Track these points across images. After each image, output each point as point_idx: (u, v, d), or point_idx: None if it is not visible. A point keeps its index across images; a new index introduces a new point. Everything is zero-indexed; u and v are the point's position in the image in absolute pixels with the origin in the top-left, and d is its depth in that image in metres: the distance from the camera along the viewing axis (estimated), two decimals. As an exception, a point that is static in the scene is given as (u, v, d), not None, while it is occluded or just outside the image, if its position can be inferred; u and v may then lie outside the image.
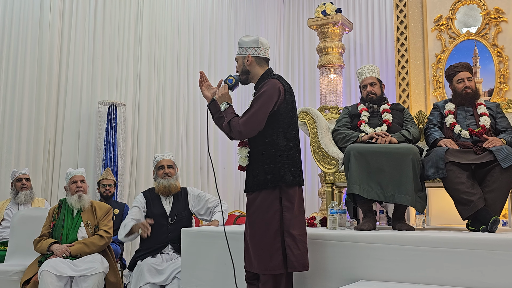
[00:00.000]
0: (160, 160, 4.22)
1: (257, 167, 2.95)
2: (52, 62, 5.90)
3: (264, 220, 2.88)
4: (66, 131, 5.94)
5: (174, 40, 7.09)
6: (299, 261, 2.86)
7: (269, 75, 3.05)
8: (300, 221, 2.95)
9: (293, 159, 2.95)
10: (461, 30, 6.32)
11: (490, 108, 3.96)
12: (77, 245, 3.91)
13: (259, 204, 2.91)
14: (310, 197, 7.86)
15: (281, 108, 2.97)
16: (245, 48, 3.07)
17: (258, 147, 2.97)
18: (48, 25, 5.89)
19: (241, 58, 3.09)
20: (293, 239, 2.87)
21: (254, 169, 2.97)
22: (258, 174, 2.94)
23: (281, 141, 2.93)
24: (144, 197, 4.17)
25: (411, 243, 2.97)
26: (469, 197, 3.36)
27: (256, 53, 3.05)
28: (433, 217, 5.42)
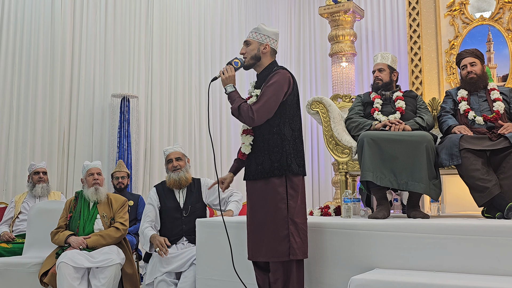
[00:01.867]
0: (168, 154, 4.22)
1: (262, 155, 2.99)
2: (64, 56, 5.93)
3: (273, 207, 2.92)
4: (80, 124, 5.99)
5: (185, 31, 7.09)
6: (301, 248, 2.92)
7: (275, 66, 3.11)
8: (302, 209, 3.02)
9: (298, 149, 3.02)
10: (475, 15, 6.24)
11: (504, 93, 3.92)
12: (93, 237, 3.95)
13: (268, 191, 2.94)
14: (324, 186, 7.85)
15: (289, 99, 3.03)
16: (264, 36, 3.09)
17: (263, 135, 3.00)
18: (60, 19, 5.92)
19: (256, 44, 3.09)
20: (296, 227, 2.93)
21: (258, 157, 3.00)
22: (263, 162, 2.97)
23: (287, 131, 2.99)
24: (156, 192, 4.17)
25: (426, 231, 2.96)
26: (485, 184, 3.34)
27: (273, 45, 3.12)
28: (448, 204, 5.39)
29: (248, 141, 3.05)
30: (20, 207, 4.95)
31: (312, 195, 7.92)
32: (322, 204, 6.97)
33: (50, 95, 5.81)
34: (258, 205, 2.97)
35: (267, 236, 2.91)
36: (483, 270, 2.78)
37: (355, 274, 2.87)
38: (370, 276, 2.79)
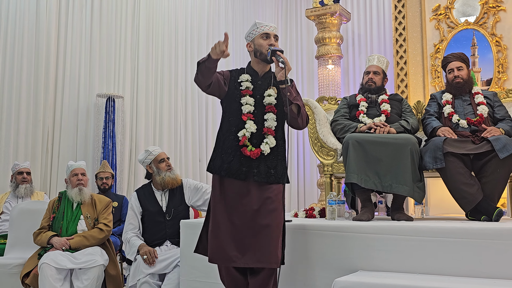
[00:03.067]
0: (159, 154, 4.18)
1: (275, 160, 2.94)
2: (49, 55, 5.88)
3: (279, 213, 2.89)
4: (64, 124, 5.94)
5: (171, 31, 7.07)
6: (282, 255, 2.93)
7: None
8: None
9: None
10: (460, 19, 6.30)
11: (488, 97, 3.96)
12: (76, 238, 3.91)
13: (280, 197, 2.90)
14: (309, 188, 7.88)
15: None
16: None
17: (279, 140, 2.99)
18: (45, 18, 5.86)
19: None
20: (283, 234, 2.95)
21: (272, 161, 2.93)
22: (276, 167, 2.93)
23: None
24: (137, 197, 4.12)
25: (409, 233, 2.98)
26: (468, 189, 3.37)
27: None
28: (432, 207, 5.43)
29: (272, 142, 2.95)
30: (2, 207, 4.89)
31: (298, 197, 7.94)
32: (307, 206, 6.99)
33: (34, 94, 5.75)
34: (265, 210, 2.86)
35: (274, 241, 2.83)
36: (466, 272, 2.80)
37: (338, 276, 2.88)
38: (353, 278, 2.79)
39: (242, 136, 2.90)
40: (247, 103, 2.96)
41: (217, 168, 2.94)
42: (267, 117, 2.96)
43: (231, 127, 2.96)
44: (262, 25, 3.02)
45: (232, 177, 2.90)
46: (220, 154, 2.95)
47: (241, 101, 2.96)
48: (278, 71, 2.91)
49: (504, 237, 2.76)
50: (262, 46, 2.98)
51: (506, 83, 5.97)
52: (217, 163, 2.95)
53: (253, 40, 3.02)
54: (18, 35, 5.70)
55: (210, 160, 3.02)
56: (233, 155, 2.91)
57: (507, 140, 3.40)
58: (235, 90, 3.00)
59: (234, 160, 2.90)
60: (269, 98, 2.98)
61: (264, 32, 2.99)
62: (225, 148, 2.94)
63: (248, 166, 2.89)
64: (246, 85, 2.99)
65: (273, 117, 2.97)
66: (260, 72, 3.05)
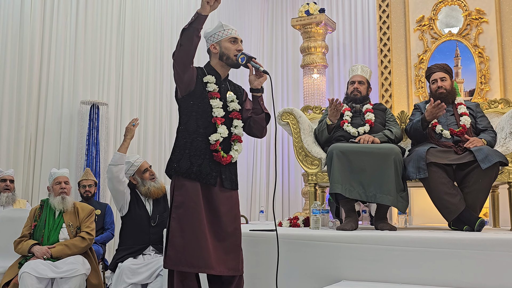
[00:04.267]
0: (142, 163, 4.16)
1: (235, 167, 2.97)
2: (32, 61, 5.83)
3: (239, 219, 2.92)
4: (47, 131, 5.88)
5: (157, 38, 7.05)
6: None
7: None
8: None
9: None
10: (443, 30, 6.38)
11: (470, 107, 4.00)
12: (58, 247, 3.87)
13: (237, 202, 2.92)
14: (294, 196, 7.88)
15: None
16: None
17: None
18: (29, 23, 5.82)
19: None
20: None
21: (234, 168, 2.96)
22: (235, 174, 2.96)
23: None
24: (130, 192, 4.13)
25: (393, 243, 2.99)
26: (451, 199, 3.40)
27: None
28: (415, 216, 5.46)
29: (240, 149, 2.95)
30: (-18, 215, 4.82)
31: (282, 206, 7.93)
32: (291, 215, 6.99)
33: (17, 101, 5.68)
34: (237, 216, 2.90)
35: (240, 247, 2.87)
36: (449, 282, 2.82)
37: (322, 286, 2.88)
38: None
39: (215, 140, 2.81)
40: (217, 106, 2.87)
41: (185, 170, 2.78)
42: (237, 124, 2.92)
43: (198, 129, 2.84)
44: (229, 28, 2.97)
45: (202, 181, 2.78)
46: (188, 156, 2.80)
47: (210, 103, 2.87)
48: (254, 78, 2.90)
49: (486, 247, 2.78)
50: (230, 50, 2.92)
51: (488, 94, 6.04)
52: (185, 165, 2.79)
53: (219, 42, 2.95)
54: (1, 40, 5.64)
55: (173, 161, 2.83)
56: (202, 158, 2.80)
57: (489, 151, 3.44)
58: (202, 89, 2.89)
59: (203, 163, 2.80)
60: (233, 104, 2.94)
61: (232, 36, 2.94)
62: (193, 150, 2.81)
63: (217, 171, 2.83)
64: (213, 87, 2.90)
65: (241, 124, 2.94)
66: (222, 75, 2.99)
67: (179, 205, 2.76)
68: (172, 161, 2.84)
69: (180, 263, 2.68)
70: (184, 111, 2.89)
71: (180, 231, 2.73)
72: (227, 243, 2.80)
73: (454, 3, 6.34)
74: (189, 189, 2.76)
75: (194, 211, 2.74)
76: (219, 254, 2.76)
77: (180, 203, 2.76)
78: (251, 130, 3.00)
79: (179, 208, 2.76)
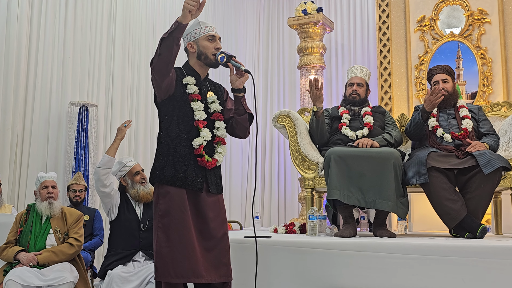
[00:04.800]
0: (134, 166, 4.17)
1: (219, 170, 2.95)
2: (19, 60, 5.81)
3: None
4: (34, 134, 5.85)
5: (149, 38, 7.05)
6: None
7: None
8: None
9: None
10: (445, 31, 6.39)
11: (472, 111, 4.02)
12: (45, 254, 3.85)
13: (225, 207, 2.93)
14: (290, 202, 7.87)
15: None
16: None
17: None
18: (16, 20, 5.80)
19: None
20: None
21: (219, 171, 2.95)
22: (220, 177, 2.96)
23: None
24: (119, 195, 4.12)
25: (392, 251, 2.99)
26: (452, 205, 3.40)
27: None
28: (415, 223, 5.47)
29: (224, 152, 2.93)
30: (-34, 220, 4.79)
31: (278, 211, 7.93)
32: (287, 221, 6.98)
33: (2, 102, 5.66)
34: (224, 221, 2.91)
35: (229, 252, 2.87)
36: (449, 291, 2.82)
37: (319, 295, 2.88)
38: (334, 297, 2.79)
39: (199, 144, 2.79)
40: (199, 109, 2.85)
41: (170, 178, 2.76)
42: (219, 126, 2.91)
43: (181, 133, 2.81)
44: (207, 25, 2.93)
45: (188, 188, 2.77)
46: (172, 163, 2.78)
47: (191, 106, 2.85)
48: (235, 78, 2.89)
49: (488, 255, 2.79)
50: (208, 49, 2.89)
51: (491, 97, 6.06)
52: (169, 172, 2.77)
53: (197, 41, 2.91)
54: (-13, 39, 5.63)
55: (157, 169, 2.81)
56: (186, 164, 2.78)
57: (491, 155, 3.45)
58: (182, 91, 2.87)
59: (188, 169, 2.78)
60: (214, 105, 2.92)
61: (210, 33, 2.91)
62: (176, 156, 2.79)
63: (202, 177, 2.82)
64: (193, 89, 2.87)
65: (223, 126, 2.93)
66: (202, 75, 2.97)
67: (164, 214, 2.74)
68: (156, 168, 2.82)
69: (169, 274, 2.67)
70: (165, 116, 2.87)
71: (167, 241, 2.70)
72: (217, 250, 2.80)
73: (456, 3, 6.36)
74: (174, 197, 2.75)
75: (180, 220, 2.72)
76: (209, 262, 2.76)
77: (165, 212, 2.74)
78: (234, 131, 2.99)
79: (164, 217, 2.73)
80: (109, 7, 6.66)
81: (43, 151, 5.91)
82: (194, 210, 2.79)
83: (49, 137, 5.97)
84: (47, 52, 6.03)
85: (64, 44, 6.18)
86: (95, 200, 6.10)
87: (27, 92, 5.88)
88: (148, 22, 7.07)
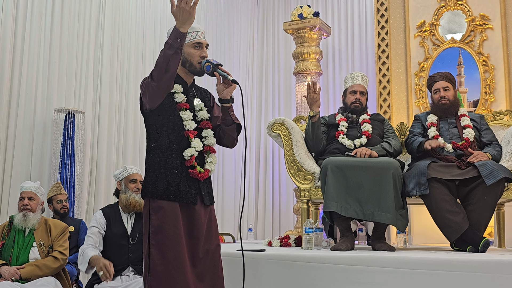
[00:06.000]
0: (133, 173, 4.16)
1: (210, 180, 2.95)
2: (3, 64, 5.79)
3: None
4: (18, 141, 5.83)
5: (138, 42, 7.05)
6: None
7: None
8: None
9: None
10: (445, 36, 6.43)
11: (474, 119, 4.03)
12: (28, 268, 3.82)
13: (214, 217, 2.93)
14: (285, 213, 7.86)
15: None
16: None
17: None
18: (0, 24, 5.79)
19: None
20: None
21: (209, 181, 2.94)
22: (211, 187, 2.95)
23: None
24: (103, 215, 4.08)
25: (391, 265, 2.98)
26: (454, 217, 3.41)
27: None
28: (415, 236, 5.47)
29: (215, 161, 2.92)
30: None
31: (272, 223, 7.91)
32: (282, 234, 6.97)
33: (-15, 108, 5.65)
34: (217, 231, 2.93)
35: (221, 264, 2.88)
36: (451, 307, 2.81)
37: (315, 311, 2.87)
38: (331, 314, 2.79)
39: (191, 155, 2.79)
40: (188, 118, 2.85)
41: (162, 192, 2.76)
42: (206, 134, 2.90)
43: (171, 144, 2.80)
44: (194, 30, 2.91)
45: (182, 201, 2.77)
46: (165, 176, 2.77)
47: (180, 116, 2.85)
48: (222, 88, 2.88)
49: (491, 270, 2.79)
50: (193, 57, 2.88)
51: (493, 105, 6.09)
52: (161, 186, 2.76)
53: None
54: (-31, 42, 5.62)
55: (148, 183, 2.80)
56: (179, 176, 2.78)
57: (494, 166, 3.46)
58: (170, 101, 2.87)
59: (181, 182, 2.78)
60: (202, 112, 2.92)
61: (196, 40, 2.90)
62: (168, 168, 2.78)
63: (196, 188, 2.82)
64: (181, 98, 2.87)
65: (211, 134, 2.92)
66: (188, 82, 2.97)
67: (157, 230, 2.72)
68: (148, 182, 2.81)
69: None
70: (153, 126, 2.86)
71: (162, 258, 2.69)
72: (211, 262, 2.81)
73: (457, 8, 6.40)
74: (167, 212, 2.74)
75: (174, 236, 2.71)
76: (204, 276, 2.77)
77: (158, 228, 2.72)
78: (221, 140, 2.99)
79: (158, 233, 2.72)
80: (97, 9, 6.66)
81: (27, 160, 5.88)
82: (189, 223, 2.79)
83: (33, 145, 5.94)
84: (32, 55, 6.01)
85: (50, 47, 6.17)
86: (81, 211, 6.07)
87: (11, 98, 5.86)
88: (138, 24, 7.07)
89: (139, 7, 7.11)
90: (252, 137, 8.18)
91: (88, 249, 3.83)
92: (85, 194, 6.23)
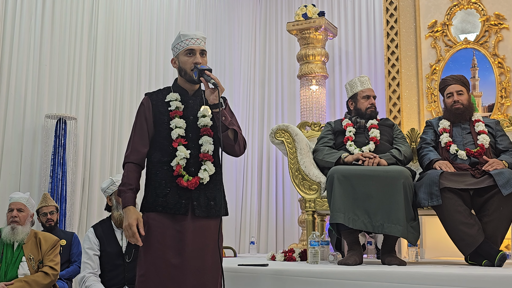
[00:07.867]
0: None
1: (214, 190, 2.92)
2: (-9, 69, 5.82)
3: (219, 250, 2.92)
4: (6, 149, 5.84)
5: (134, 45, 7.07)
6: None
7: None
8: None
9: None
10: (458, 37, 6.43)
11: (489, 125, 4.03)
12: (17, 284, 3.83)
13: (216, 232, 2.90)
14: (289, 225, 7.84)
15: None
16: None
17: (218, 167, 2.95)
18: (-13, 26, 5.82)
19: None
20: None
21: (212, 191, 2.91)
22: (215, 198, 2.91)
23: None
24: (95, 235, 4.05)
25: (402, 280, 2.98)
26: (468, 230, 3.41)
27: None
28: (427, 249, 5.46)
29: (211, 169, 2.91)
30: None
31: (276, 236, 7.90)
32: (286, 247, 6.96)
33: (-28, 114, 5.67)
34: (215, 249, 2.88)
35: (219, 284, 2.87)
36: (465, 325, 2.81)
37: (321, 330, 2.86)
38: (338, 332, 2.78)
39: (175, 165, 2.84)
40: (176, 126, 2.89)
41: (151, 203, 2.84)
42: (203, 141, 2.92)
43: (162, 158, 2.89)
44: (187, 37, 2.97)
45: (170, 212, 2.81)
46: (153, 188, 2.86)
47: (170, 126, 2.90)
48: (209, 93, 2.89)
49: (508, 285, 2.78)
50: (186, 64, 2.95)
51: (509, 110, 6.08)
52: (150, 198, 2.86)
53: (178, 56, 2.99)
54: (-45, 45, 5.65)
55: (143, 198, 2.92)
56: (169, 187, 2.84)
57: (511, 175, 3.45)
58: (161, 115, 2.94)
59: (170, 192, 2.83)
60: (204, 119, 2.94)
61: (188, 47, 2.96)
62: (158, 180, 2.86)
63: (187, 198, 2.84)
64: (176, 105, 2.93)
65: (209, 141, 2.93)
66: (190, 90, 3.02)
67: (143, 246, 2.82)
68: (143, 198, 2.92)
69: None
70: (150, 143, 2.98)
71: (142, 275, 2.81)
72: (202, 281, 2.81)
73: (470, 7, 6.41)
74: (153, 226, 2.82)
75: (156, 251, 2.79)
76: None
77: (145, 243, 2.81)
78: (224, 148, 3.00)
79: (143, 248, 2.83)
80: (90, 9, 6.69)
81: (16, 169, 5.90)
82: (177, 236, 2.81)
83: (22, 153, 5.96)
84: (21, 58, 6.03)
85: (40, 50, 6.19)
86: (73, 223, 6.08)
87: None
88: (133, 28, 7.09)
89: (134, 7, 7.14)
90: (255, 145, 8.18)
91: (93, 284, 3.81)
92: (78, 205, 6.23)
